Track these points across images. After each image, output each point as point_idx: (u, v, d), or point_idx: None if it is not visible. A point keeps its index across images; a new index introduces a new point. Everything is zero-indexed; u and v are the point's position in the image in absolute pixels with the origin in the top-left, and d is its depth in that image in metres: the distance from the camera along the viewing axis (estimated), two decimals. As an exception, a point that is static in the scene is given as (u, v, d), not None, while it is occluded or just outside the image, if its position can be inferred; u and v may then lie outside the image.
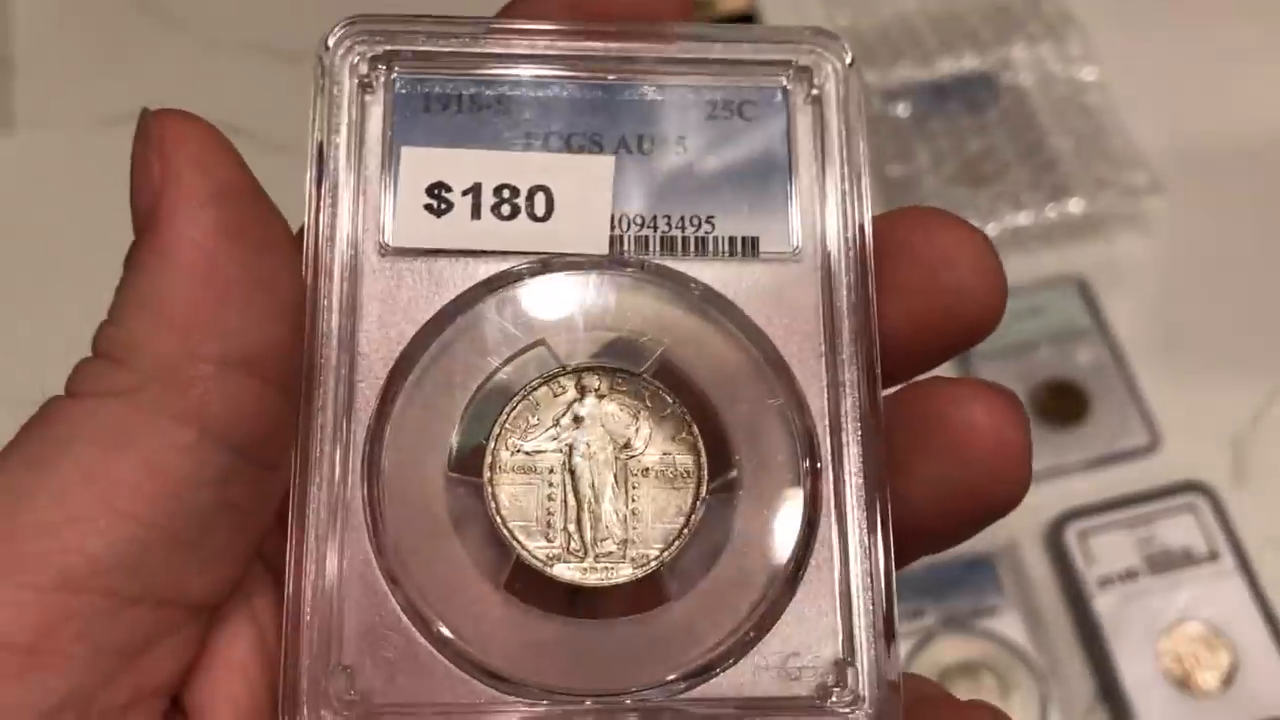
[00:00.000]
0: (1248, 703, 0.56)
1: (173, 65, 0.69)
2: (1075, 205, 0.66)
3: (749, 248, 0.25)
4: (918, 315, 0.25)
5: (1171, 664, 0.56)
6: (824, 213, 0.25)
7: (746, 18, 0.69)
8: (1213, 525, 0.59)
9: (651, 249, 0.25)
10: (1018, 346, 0.64)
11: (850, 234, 0.25)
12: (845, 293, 0.25)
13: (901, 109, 0.69)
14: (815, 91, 0.26)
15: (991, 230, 0.65)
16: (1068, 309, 0.64)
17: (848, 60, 0.26)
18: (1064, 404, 0.62)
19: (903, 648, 0.58)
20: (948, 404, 0.24)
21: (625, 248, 0.25)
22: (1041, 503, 0.60)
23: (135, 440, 0.21)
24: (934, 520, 0.25)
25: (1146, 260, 0.67)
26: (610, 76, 0.26)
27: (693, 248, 0.25)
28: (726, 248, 0.25)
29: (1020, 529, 0.60)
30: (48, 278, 0.63)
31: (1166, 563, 0.59)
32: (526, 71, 0.26)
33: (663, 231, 0.25)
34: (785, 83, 0.26)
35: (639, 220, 0.25)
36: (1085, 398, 0.63)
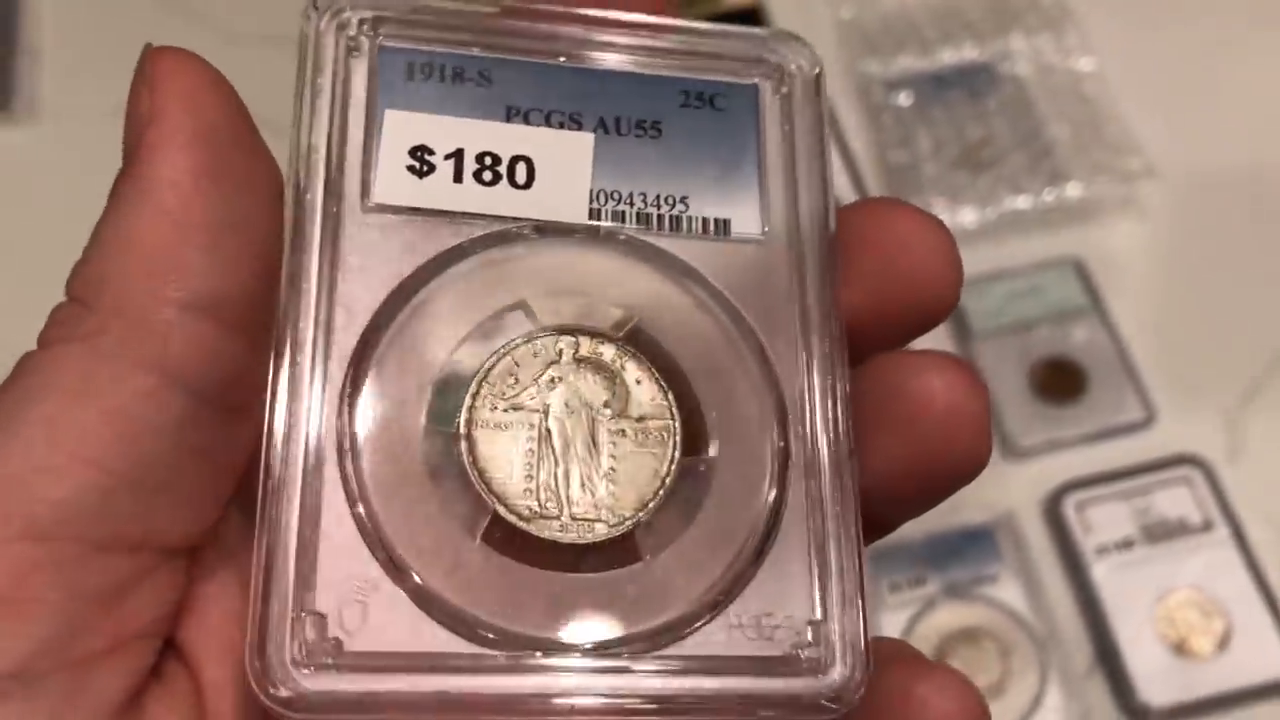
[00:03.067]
0: (1241, 666, 0.55)
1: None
2: (1072, 189, 0.65)
3: (721, 228, 0.25)
4: (877, 300, 0.25)
5: (1167, 630, 0.56)
6: (792, 201, 0.25)
7: (752, 11, 0.69)
8: (1207, 497, 0.59)
9: (628, 223, 0.25)
10: (1017, 326, 0.63)
11: (817, 220, 0.25)
12: (813, 273, 0.25)
13: (903, 98, 0.68)
14: (785, 89, 0.26)
15: (990, 214, 0.65)
16: (1065, 289, 0.64)
17: (816, 69, 0.26)
18: (1062, 381, 0.62)
19: (905, 615, 0.58)
20: (906, 376, 0.24)
21: (604, 220, 0.25)
22: (1040, 474, 0.60)
23: (96, 387, 0.20)
24: (900, 489, 0.24)
25: (1141, 242, 0.66)
26: (593, 61, 0.26)
27: (668, 225, 0.25)
28: (700, 227, 0.25)
29: (1019, 500, 0.59)
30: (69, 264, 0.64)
31: (1162, 533, 0.58)
32: (511, 50, 0.25)
33: (639, 208, 0.25)
34: (757, 79, 0.26)
35: (616, 196, 0.25)
36: (1082, 374, 0.62)
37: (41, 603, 0.20)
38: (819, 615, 0.23)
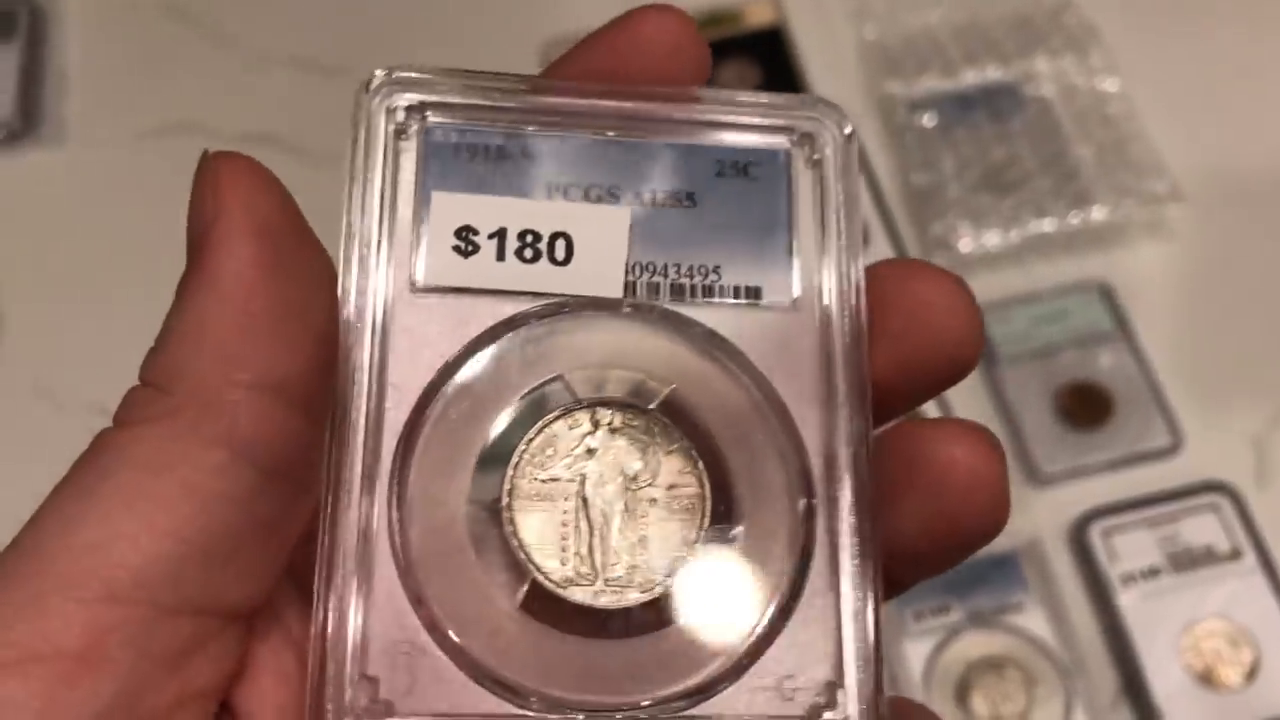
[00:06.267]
0: (1270, 697, 0.55)
1: (220, 80, 0.70)
2: (1098, 212, 0.65)
3: (752, 296, 0.26)
4: (902, 360, 0.26)
5: (1194, 660, 0.56)
6: (823, 267, 0.26)
7: (775, 31, 0.68)
8: (1235, 524, 0.58)
9: (662, 294, 0.26)
10: (1042, 350, 0.63)
11: (846, 287, 0.26)
12: (841, 340, 0.26)
13: (927, 119, 0.68)
14: (816, 156, 0.27)
15: (1015, 237, 0.65)
16: (1090, 313, 0.64)
17: (847, 130, 0.27)
18: (1087, 406, 0.62)
19: (929, 643, 0.57)
20: (929, 443, 0.25)
21: (638, 293, 0.26)
22: (1066, 501, 0.60)
23: (172, 463, 0.22)
24: (922, 550, 0.26)
25: (1168, 265, 0.66)
26: (629, 135, 0.27)
27: (700, 294, 0.26)
28: (732, 295, 0.26)
29: (1045, 527, 0.59)
30: (107, 284, 0.63)
31: (1189, 561, 0.58)
32: (551, 127, 0.26)
33: (673, 279, 0.26)
34: (789, 146, 0.27)
35: (651, 267, 0.26)
36: (1108, 400, 0.62)
37: (114, 661, 0.21)
38: (836, 677, 0.24)
